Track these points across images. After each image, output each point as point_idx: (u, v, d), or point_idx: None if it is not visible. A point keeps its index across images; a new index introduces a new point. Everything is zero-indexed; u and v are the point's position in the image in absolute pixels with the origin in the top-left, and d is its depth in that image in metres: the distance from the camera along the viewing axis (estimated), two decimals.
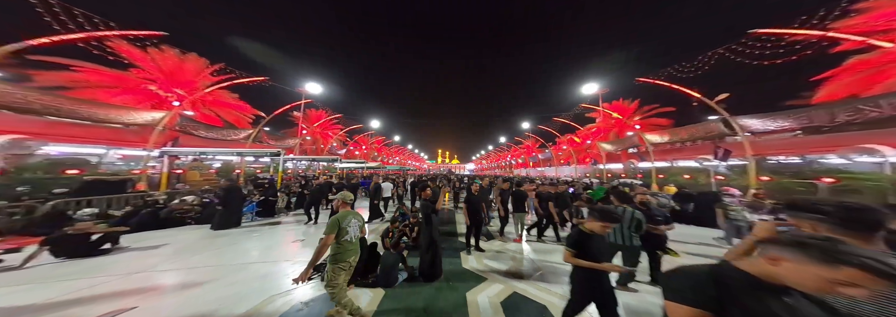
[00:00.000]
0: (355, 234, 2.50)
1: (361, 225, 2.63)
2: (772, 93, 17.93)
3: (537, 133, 32.78)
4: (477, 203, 4.80)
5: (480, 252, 4.66)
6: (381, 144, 40.68)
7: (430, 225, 3.60)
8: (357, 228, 2.53)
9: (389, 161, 46.80)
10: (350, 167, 19.57)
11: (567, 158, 28.79)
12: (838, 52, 10.27)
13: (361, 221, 2.67)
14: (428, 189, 3.92)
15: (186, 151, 9.32)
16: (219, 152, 9.96)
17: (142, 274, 3.66)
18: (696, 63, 12.12)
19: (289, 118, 25.41)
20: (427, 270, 3.48)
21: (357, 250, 2.52)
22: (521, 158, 44.93)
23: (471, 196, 4.93)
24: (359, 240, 2.58)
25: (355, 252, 2.49)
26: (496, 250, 4.90)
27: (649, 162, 15.65)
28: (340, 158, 14.92)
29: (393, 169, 27.66)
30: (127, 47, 12.20)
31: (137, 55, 12.88)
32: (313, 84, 17.39)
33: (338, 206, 2.72)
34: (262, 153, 10.61)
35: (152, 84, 13.54)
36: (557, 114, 24.54)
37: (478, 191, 5.03)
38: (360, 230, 2.60)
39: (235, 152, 10.04)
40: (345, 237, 2.40)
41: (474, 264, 4.11)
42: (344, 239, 2.40)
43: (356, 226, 2.52)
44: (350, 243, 2.44)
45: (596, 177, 21.08)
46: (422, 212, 3.81)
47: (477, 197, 4.89)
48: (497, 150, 62.81)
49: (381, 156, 41.05)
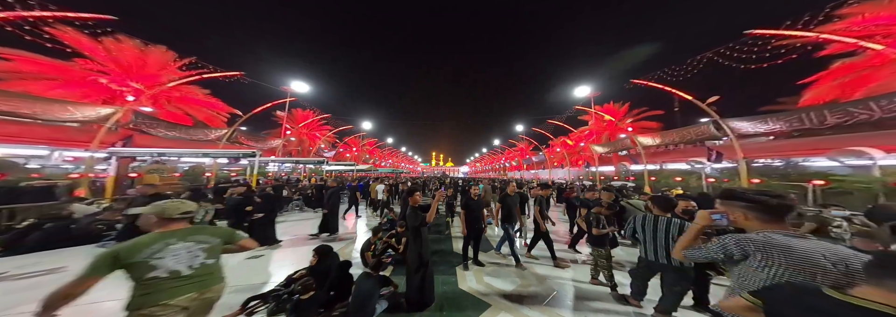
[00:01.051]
0: (190, 263, 1.67)
1: (213, 245, 1.79)
2: (757, 96, 18.40)
3: (530, 135, 32.89)
4: (477, 209, 4.28)
5: (480, 267, 4.16)
6: (373, 146, 40.12)
7: (419, 241, 2.98)
8: (195, 255, 1.70)
9: (382, 163, 46.20)
10: (338, 170, 18.91)
11: (560, 160, 28.86)
12: (823, 57, 10.50)
13: (216, 238, 1.82)
14: (417, 194, 3.23)
15: (140, 151, 8.15)
16: (180, 153, 8.81)
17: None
18: (686, 66, 12.21)
19: (272, 118, 24.58)
20: (415, 296, 2.89)
21: (205, 283, 1.71)
22: (515, 161, 44.98)
23: (470, 201, 4.33)
24: (211, 267, 1.76)
25: (196, 288, 1.67)
26: (497, 262, 4.40)
27: (641, 164, 15.69)
28: (328, 161, 14.04)
29: (385, 171, 27.20)
30: (73, 35, 10.60)
31: (86, 44, 11.30)
32: (299, 82, 16.63)
33: (149, 224, 1.74)
34: (234, 154, 9.49)
35: (103, 77, 11.98)
36: (551, 116, 24.61)
37: (477, 195, 4.51)
38: (209, 253, 1.76)
39: (200, 153, 8.75)
40: (151, 274, 1.55)
41: (473, 284, 3.57)
42: (149, 277, 1.55)
43: (188, 254, 1.68)
44: (173, 280, 1.61)
45: (601, 178, 21.08)
46: (409, 224, 3.07)
47: (477, 202, 4.35)
48: (491, 152, 62.87)
49: (373, 158, 40.44)
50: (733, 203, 1.28)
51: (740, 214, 1.26)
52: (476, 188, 4.64)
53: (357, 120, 28.60)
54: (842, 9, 8.21)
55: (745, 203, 1.25)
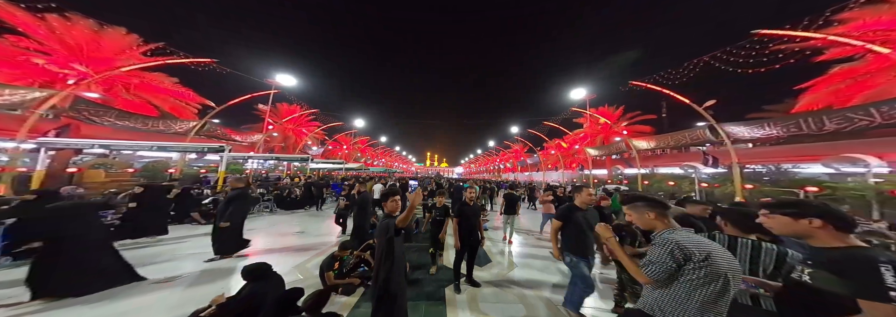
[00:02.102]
0: None
1: None
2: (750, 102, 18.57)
3: (525, 137, 32.73)
4: (473, 217, 3.54)
5: (476, 287, 3.44)
6: (365, 145, 39.43)
7: (390, 262, 2.04)
8: None
9: (374, 162, 45.52)
10: (325, 168, 18.21)
11: (555, 162, 28.74)
12: (817, 63, 10.45)
13: None
14: (393, 199, 2.28)
15: (77, 142, 7.05)
16: (129, 146, 7.76)
17: None
18: (682, 70, 12.08)
19: (254, 112, 23.19)
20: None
21: None
22: (510, 163, 44.85)
23: (464, 208, 3.56)
24: None
25: None
26: (494, 280, 3.68)
27: (635, 168, 15.56)
28: (312, 158, 13.24)
29: (377, 171, 26.61)
30: (4, 6, 9.27)
31: (22, 19, 9.84)
32: (285, 76, 15.93)
33: None
34: (196, 148, 8.38)
35: (39, 57, 10.34)
36: (546, 118, 24.44)
37: (472, 200, 3.71)
38: None
39: (154, 146, 7.73)
40: None
41: (467, 314, 2.80)
42: None
43: None
44: None
45: (594, 182, 20.96)
46: (377, 236, 2.16)
47: (473, 209, 3.60)
48: (486, 154, 62.72)
49: (365, 157, 39.73)
50: (637, 204, 1.52)
51: (647, 215, 1.46)
52: (471, 191, 3.77)
53: (350, 117, 27.93)
54: (841, 13, 8.10)
55: (646, 203, 1.48)
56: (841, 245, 1.18)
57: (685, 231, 1.39)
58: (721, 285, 1.20)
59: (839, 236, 1.20)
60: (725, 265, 1.21)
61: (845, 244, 1.18)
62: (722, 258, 1.23)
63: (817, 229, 1.22)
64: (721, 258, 1.23)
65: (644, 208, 1.46)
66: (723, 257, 1.24)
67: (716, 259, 1.22)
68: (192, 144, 8.70)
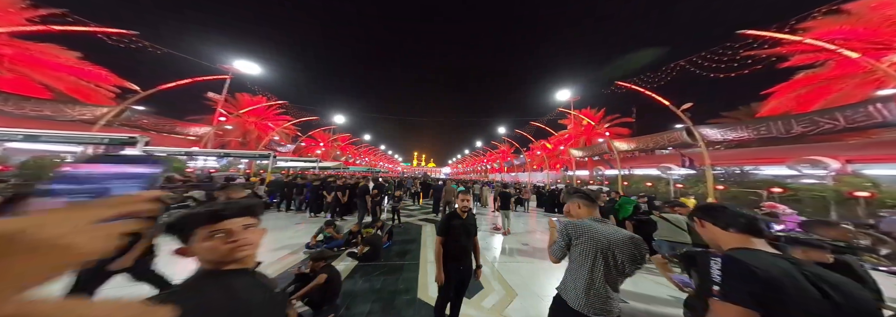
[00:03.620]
0: None
1: None
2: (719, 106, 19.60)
3: (512, 137, 32.97)
4: (466, 237, 2.30)
5: None
6: (346, 142, 38.12)
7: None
8: None
9: (356, 161, 44.29)
10: (293, 167, 16.74)
11: (540, 163, 29.07)
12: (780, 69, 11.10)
13: None
14: None
15: None
16: None
17: None
18: (660, 73, 12.42)
19: (204, 101, 19.01)
20: None
21: None
22: (497, 163, 45.13)
23: (453, 222, 2.30)
24: None
25: None
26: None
27: (616, 169, 15.90)
28: (275, 155, 10.75)
29: (360, 170, 25.75)
30: None
31: None
32: (247, 63, 13.72)
33: None
34: (92, 140, 6.25)
35: None
36: (533, 118, 24.69)
37: (467, 210, 2.40)
38: None
39: (19, 136, 5.88)
40: None
41: None
42: None
43: None
44: None
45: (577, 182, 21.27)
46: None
47: (465, 223, 2.33)
48: (473, 154, 62.89)
49: (345, 155, 38.44)
50: (573, 197, 1.73)
51: (576, 205, 1.69)
52: (465, 196, 2.46)
53: (330, 112, 26.68)
54: (805, 22, 8.53)
55: (579, 196, 1.71)
56: (737, 247, 0.98)
57: (602, 221, 1.57)
58: (600, 259, 1.43)
59: (737, 238, 0.99)
60: (603, 242, 1.43)
61: (741, 246, 0.97)
62: (599, 237, 1.46)
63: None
64: (598, 237, 1.46)
65: (578, 200, 1.69)
66: (599, 235, 1.46)
67: (593, 237, 1.46)
68: (81, 134, 6.33)
